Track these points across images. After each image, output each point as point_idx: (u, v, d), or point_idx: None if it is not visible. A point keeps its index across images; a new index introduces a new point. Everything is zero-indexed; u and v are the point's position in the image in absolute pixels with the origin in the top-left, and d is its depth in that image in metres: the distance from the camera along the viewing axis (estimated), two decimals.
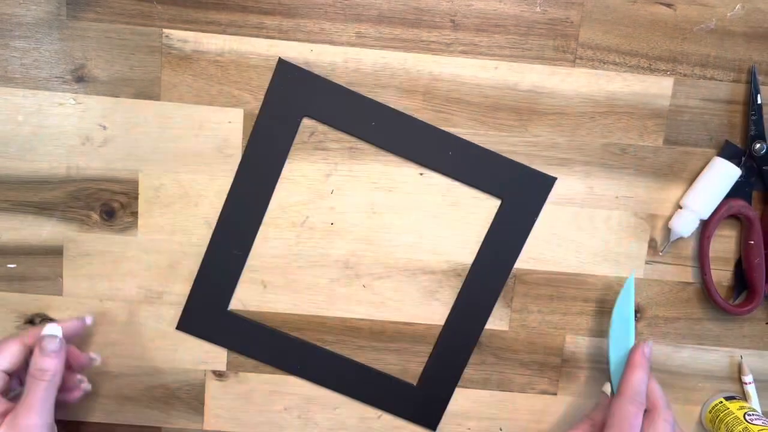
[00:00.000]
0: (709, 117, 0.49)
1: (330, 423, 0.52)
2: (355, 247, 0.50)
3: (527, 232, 0.49)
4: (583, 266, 0.50)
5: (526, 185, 0.48)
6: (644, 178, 0.49)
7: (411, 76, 0.48)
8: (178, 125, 0.48)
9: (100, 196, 0.48)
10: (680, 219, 0.48)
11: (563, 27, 0.47)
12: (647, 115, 0.48)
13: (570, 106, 0.48)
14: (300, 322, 0.51)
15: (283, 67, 0.47)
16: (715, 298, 0.50)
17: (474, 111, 0.48)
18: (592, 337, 0.51)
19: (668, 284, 0.51)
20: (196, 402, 0.52)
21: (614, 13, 0.47)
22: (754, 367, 0.52)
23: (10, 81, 0.47)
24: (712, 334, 0.51)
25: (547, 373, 0.52)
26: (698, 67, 0.48)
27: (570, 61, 0.48)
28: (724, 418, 0.49)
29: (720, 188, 0.48)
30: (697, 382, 0.52)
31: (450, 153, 0.48)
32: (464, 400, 0.52)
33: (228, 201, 0.48)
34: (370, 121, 0.47)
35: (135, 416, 0.52)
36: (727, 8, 0.47)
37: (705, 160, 0.49)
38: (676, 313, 0.51)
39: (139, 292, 0.50)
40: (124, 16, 0.46)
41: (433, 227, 0.50)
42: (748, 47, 0.48)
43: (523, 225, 0.49)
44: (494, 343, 0.51)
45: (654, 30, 0.47)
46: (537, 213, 0.49)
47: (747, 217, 0.49)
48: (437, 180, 0.49)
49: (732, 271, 0.51)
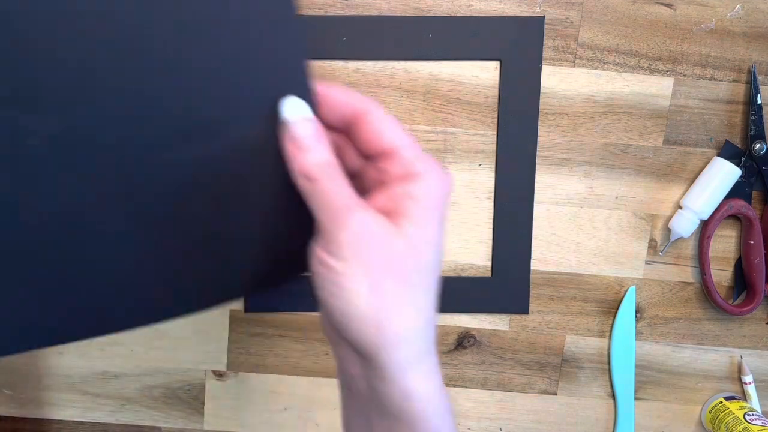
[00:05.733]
0: (709, 117, 0.49)
1: (330, 423, 0.52)
2: None
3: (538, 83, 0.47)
4: (583, 266, 0.50)
5: (516, 34, 0.47)
6: (644, 178, 0.49)
7: (411, 76, 0.48)
8: None
9: None
10: (680, 219, 0.48)
11: (563, 27, 0.47)
12: (647, 115, 0.48)
13: (570, 106, 0.48)
14: (300, 321, 0.51)
15: None
16: (715, 298, 0.50)
17: (474, 111, 0.48)
18: (592, 337, 0.51)
19: (668, 284, 0.51)
20: (196, 402, 0.52)
21: (614, 13, 0.47)
22: (754, 367, 0.52)
23: None
24: (712, 334, 0.51)
25: (547, 373, 0.52)
26: (698, 67, 0.48)
27: (570, 61, 0.48)
28: (724, 419, 0.49)
29: (720, 188, 0.48)
30: (697, 382, 0.52)
31: (430, 35, 0.47)
32: (464, 400, 0.52)
33: None
34: (341, 37, 0.47)
35: (135, 416, 0.52)
36: (727, 8, 0.47)
37: (705, 160, 0.49)
38: (676, 313, 0.51)
39: None
40: None
41: None
42: (748, 47, 0.48)
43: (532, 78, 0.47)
44: (494, 343, 0.51)
45: (654, 30, 0.47)
46: (539, 60, 0.47)
47: (747, 217, 0.49)
48: None
49: (732, 271, 0.51)
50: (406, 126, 0.48)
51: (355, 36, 0.47)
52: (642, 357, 0.51)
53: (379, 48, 0.47)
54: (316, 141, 0.28)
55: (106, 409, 0.52)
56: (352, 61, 0.47)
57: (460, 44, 0.47)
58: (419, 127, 0.48)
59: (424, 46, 0.47)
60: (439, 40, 0.47)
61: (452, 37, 0.47)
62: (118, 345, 0.50)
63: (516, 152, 0.48)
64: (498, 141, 0.48)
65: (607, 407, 0.52)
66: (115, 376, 0.51)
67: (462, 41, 0.47)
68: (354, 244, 0.27)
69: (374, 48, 0.47)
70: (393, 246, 0.27)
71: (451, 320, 0.51)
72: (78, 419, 0.52)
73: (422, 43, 0.47)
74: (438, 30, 0.47)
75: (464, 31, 0.47)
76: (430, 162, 0.29)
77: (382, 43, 0.47)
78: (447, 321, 0.51)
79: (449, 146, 0.48)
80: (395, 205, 0.28)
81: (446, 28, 0.47)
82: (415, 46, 0.47)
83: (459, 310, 0.50)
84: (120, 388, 0.51)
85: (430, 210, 0.28)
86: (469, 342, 0.51)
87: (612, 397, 0.52)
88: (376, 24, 0.47)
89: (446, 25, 0.47)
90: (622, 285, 0.50)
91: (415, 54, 0.47)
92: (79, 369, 0.51)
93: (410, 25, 0.47)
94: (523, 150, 0.48)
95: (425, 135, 0.48)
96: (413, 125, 0.48)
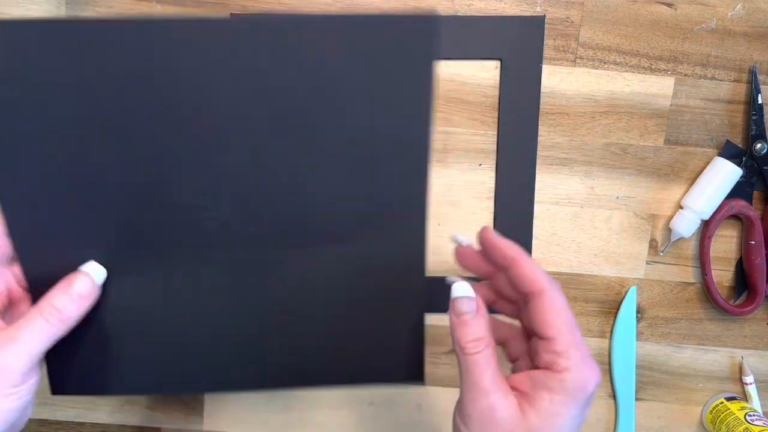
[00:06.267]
0: (709, 117, 0.49)
1: (330, 423, 0.52)
2: None
3: (538, 83, 0.47)
4: (583, 266, 0.50)
5: (517, 34, 0.47)
6: (645, 178, 0.49)
7: None
8: None
9: None
10: (681, 219, 0.48)
11: (563, 27, 0.47)
12: (648, 114, 0.48)
13: (570, 106, 0.48)
14: None
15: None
16: (715, 298, 0.49)
17: (474, 111, 0.48)
18: (593, 338, 0.51)
19: (669, 284, 0.51)
20: (196, 402, 0.52)
21: (614, 13, 0.47)
22: (755, 368, 0.51)
23: None
24: (713, 334, 0.51)
25: None
26: (699, 66, 0.48)
27: (570, 60, 0.48)
28: (725, 419, 0.49)
29: (721, 188, 0.48)
30: (698, 383, 0.52)
31: None
32: None
33: None
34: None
35: (135, 416, 0.52)
36: (727, 8, 0.47)
37: (706, 160, 0.49)
38: (677, 313, 0.51)
39: None
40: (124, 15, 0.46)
41: (433, 227, 0.49)
42: (749, 47, 0.48)
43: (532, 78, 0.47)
44: None
45: (654, 30, 0.47)
46: (540, 60, 0.47)
47: (748, 217, 0.49)
48: (437, 179, 0.49)
49: (733, 271, 0.51)
50: None
51: None
52: (643, 357, 0.51)
53: None
54: (473, 318, 0.33)
55: (106, 409, 0.52)
56: None
57: (460, 44, 0.47)
58: None
59: None
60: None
61: (452, 37, 0.47)
62: None
63: (516, 152, 0.48)
64: (498, 141, 0.48)
65: (608, 407, 0.52)
66: None
67: (462, 41, 0.47)
68: (479, 421, 0.31)
69: None
70: (513, 431, 0.30)
71: None
72: (78, 419, 0.52)
73: None
74: None
75: (464, 31, 0.47)
76: (581, 356, 0.31)
77: None
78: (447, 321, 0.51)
79: (449, 146, 0.48)
80: (531, 390, 0.31)
81: (446, 28, 0.47)
82: None
83: None
84: None
85: (562, 406, 0.30)
86: None
87: (613, 397, 0.52)
88: None
89: (446, 25, 0.47)
90: (623, 285, 0.50)
91: None
92: None
93: None
94: (524, 150, 0.48)
95: None
96: None
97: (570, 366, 0.30)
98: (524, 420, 0.30)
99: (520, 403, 0.31)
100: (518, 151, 0.48)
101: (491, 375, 0.31)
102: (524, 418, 0.31)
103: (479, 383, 0.31)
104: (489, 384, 0.31)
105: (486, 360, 0.32)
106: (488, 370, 0.32)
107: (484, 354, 0.32)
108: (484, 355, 0.32)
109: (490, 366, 0.32)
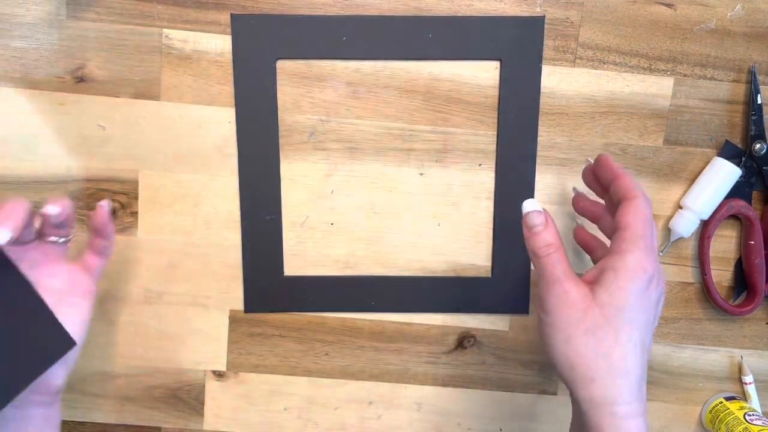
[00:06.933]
0: (709, 117, 0.49)
1: (330, 423, 0.52)
2: (355, 247, 0.50)
3: (538, 83, 0.48)
4: (584, 266, 0.50)
5: (517, 34, 0.47)
6: (644, 178, 0.49)
7: (411, 76, 0.48)
8: (178, 125, 0.48)
9: (100, 196, 0.48)
10: (680, 219, 0.48)
11: (563, 27, 0.47)
12: (647, 115, 0.48)
13: (570, 106, 0.48)
14: (300, 321, 0.51)
15: (239, 20, 0.46)
16: (715, 298, 0.50)
17: (474, 111, 0.48)
18: None
19: (668, 284, 0.51)
20: (196, 402, 0.52)
21: (614, 13, 0.47)
22: (755, 368, 0.52)
23: (10, 81, 0.47)
24: (713, 334, 0.51)
25: (547, 373, 0.52)
26: (698, 67, 0.48)
27: (570, 61, 0.48)
28: (724, 419, 0.49)
29: (720, 188, 0.48)
30: (698, 383, 0.52)
31: (430, 35, 0.47)
32: (464, 400, 0.52)
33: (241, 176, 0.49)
34: (341, 37, 0.47)
35: (135, 416, 0.52)
36: (727, 8, 0.47)
37: (705, 160, 0.49)
38: (677, 313, 0.51)
39: (139, 292, 0.50)
40: (124, 16, 0.46)
41: (433, 227, 0.50)
42: (748, 47, 0.48)
43: (532, 78, 0.48)
44: (494, 343, 0.51)
45: (654, 30, 0.47)
46: (539, 60, 0.47)
47: (747, 217, 0.49)
48: (437, 179, 0.49)
49: (732, 271, 0.51)
50: (406, 126, 0.48)
51: (355, 36, 0.47)
52: None
53: (379, 48, 0.47)
54: (542, 228, 0.38)
55: (106, 409, 0.52)
56: (352, 61, 0.47)
57: (460, 44, 0.47)
58: (419, 127, 0.48)
59: (424, 46, 0.47)
60: (439, 40, 0.47)
61: (452, 37, 0.47)
62: (118, 345, 0.50)
63: (516, 152, 0.48)
64: (498, 141, 0.48)
65: None
66: (115, 377, 0.51)
67: (462, 41, 0.47)
68: (555, 305, 0.36)
69: (374, 48, 0.47)
70: (586, 308, 0.35)
71: (451, 320, 0.51)
72: (78, 419, 0.52)
73: (422, 43, 0.47)
74: (438, 30, 0.47)
75: (464, 31, 0.47)
76: (644, 246, 0.36)
77: (382, 43, 0.47)
78: (447, 321, 0.51)
79: (449, 146, 0.48)
80: (600, 274, 0.37)
81: (446, 28, 0.47)
82: (415, 46, 0.47)
83: (459, 310, 0.50)
84: (120, 388, 0.51)
85: (626, 281, 0.35)
86: (469, 342, 0.51)
87: None
88: (376, 24, 0.46)
89: (446, 25, 0.47)
90: None
91: (415, 54, 0.47)
92: (79, 369, 0.51)
93: (410, 25, 0.47)
94: (523, 150, 0.48)
95: (425, 135, 0.48)
96: (413, 125, 0.48)
97: (633, 249, 0.36)
98: (594, 298, 0.36)
99: (591, 287, 0.36)
100: (518, 151, 0.48)
101: (563, 268, 0.37)
102: (594, 296, 0.36)
103: (553, 274, 0.37)
104: (561, 274, 0.36)
105: (557, 258, 0.37)
106: (559, 265, 0.37)
107: (556, 255, 0.37)
108: (556, 256, 0.37)
109: (561, 263, 0.37)
